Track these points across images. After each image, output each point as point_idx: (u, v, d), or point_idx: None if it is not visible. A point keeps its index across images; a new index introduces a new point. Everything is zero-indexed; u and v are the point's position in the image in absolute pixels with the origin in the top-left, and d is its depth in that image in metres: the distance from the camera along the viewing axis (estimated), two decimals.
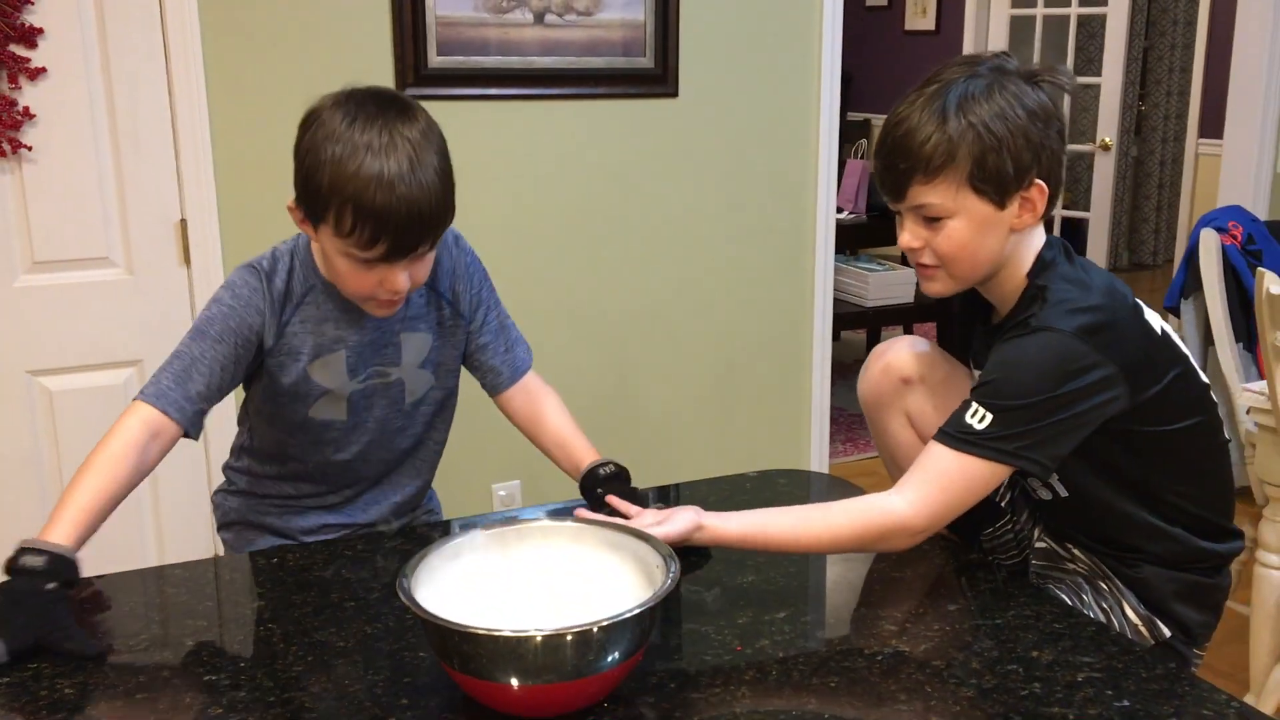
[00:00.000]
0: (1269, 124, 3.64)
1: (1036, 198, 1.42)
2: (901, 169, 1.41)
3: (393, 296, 1.47)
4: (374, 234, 1.38)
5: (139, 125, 2.41)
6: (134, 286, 2.48)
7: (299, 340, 1.55)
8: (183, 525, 2.61)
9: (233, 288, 1.53)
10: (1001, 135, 1.37)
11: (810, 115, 3.07)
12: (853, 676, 1.20)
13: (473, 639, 1.09)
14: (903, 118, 1.42)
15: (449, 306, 1.64)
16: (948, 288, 1.49)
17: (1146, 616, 1.46)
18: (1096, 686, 1.18)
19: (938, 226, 1.42)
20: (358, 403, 1.61)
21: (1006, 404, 1.36)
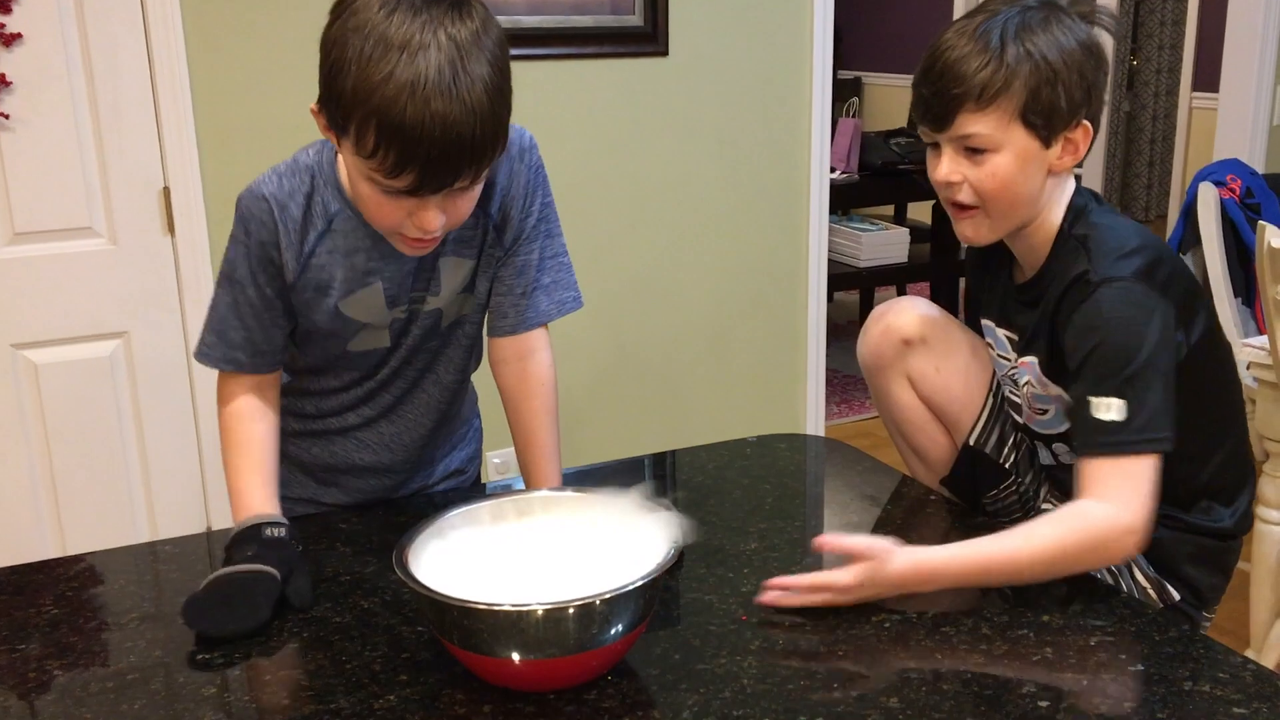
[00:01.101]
0: (1265, 76, 3.60)
1: (1081, 139, 1.39)
2: (953, 94, 1.36)
3: (422, 236, 1.26)
4: (400, 160, 1.15)
5: (119, 90, 2.36)
6: (118, 256, 2.44)
7: (326, 273, 1.36)
8: (174, 498, 2.57)
9: (245, 220, 1.35)
10: (1058, 68, 1.34)
11: (803, 73, 3.03)
12: (861, 644, 1.18)
13: (472, 614, 1.06)
14: (953, 43, 1.38)
15: (494, 232, 1.43)
16: (985, 233, 1.44)
17: (1155, 579, 1.44)
18: (1109, 650, 1.16)
19: (980, 160, 1.38)
20: (400, 329, 1.45)
21: (1123, 377, 1.29)
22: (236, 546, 1.30)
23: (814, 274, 3.15)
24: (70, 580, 1.36)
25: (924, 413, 1.67)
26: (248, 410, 1.42)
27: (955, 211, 1.45)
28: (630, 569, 1.15)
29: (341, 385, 1.52)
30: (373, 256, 1.37)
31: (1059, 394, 1.44)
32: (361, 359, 1.48)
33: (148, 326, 2.49)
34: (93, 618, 1.27)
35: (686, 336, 3.07)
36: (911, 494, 1.58)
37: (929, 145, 1.45)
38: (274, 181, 1.35)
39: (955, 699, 1.07)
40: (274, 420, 1.44)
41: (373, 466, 1.58)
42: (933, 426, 1.67)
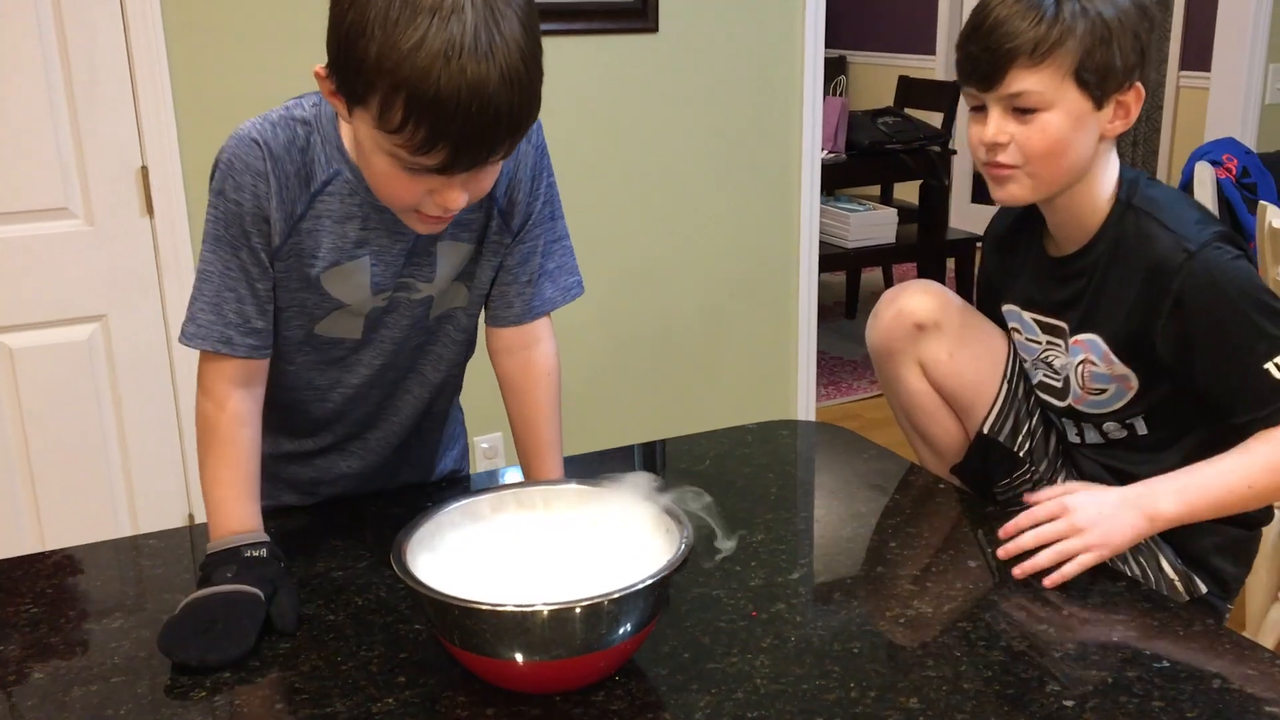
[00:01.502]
0: (1258, 55, 3.57)
1: (1133, 102, 1.36)
2: (1005, 49, 1.32)
3: (442, 214, 1.15)
4: (432, 135, 1.03)
5: (94, 67, 2.29)
6: (95, 238, 2.37)
7: (313, 240, 1.24)
8: (155, 487, 2.51)
9: (231, 170, 1.20)
10: (1114, 26, 1.32)
11: (794, 52, 2.97)
12: (876, 641, 1.14)
13: (475, 614, 1.01)
14: (1001, 1, 1.34)
15: (499, 217, 1.33)
16: (1025, 192, 1.40)
17: (1184, 571, 1.40)
18: (1133, 647, 1.12)
19: (1029, 119, 1.35)
20: (375, 319, 1.33)
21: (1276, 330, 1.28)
22: (215, 566, 1.19)
23: (805, 255, 3.11)
24: (50, 577, 1.31)
25: (935, 399, 1.63)
26: (234, 410, 1.27)
27: (995, 171, 1.40)
28: (638, 565, 1.11)
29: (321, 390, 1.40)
30: (367, 226, 1.24)
31: (1125, 373, 1.42)
32: (328, 348, 1.35)
33: (126, 310, 2.42)
34: (74, 616, 1.22)
35: (676, 318, 3.02)
36: (919, 482, 1.54)
37: (972, 109, 1.41)
38: (266, 129, 1.21)
39: (977, 699, 1.03)
40: (259, 422, 1.31)
41: (360, 472, 1.50)
42: (943, 413, 1.63)
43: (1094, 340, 1.43)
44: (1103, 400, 1.46)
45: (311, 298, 1.28)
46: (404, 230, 1.25)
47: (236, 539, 1.23)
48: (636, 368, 3.00)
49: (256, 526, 1.27)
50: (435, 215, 1.16)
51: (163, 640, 1.12)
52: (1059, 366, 1.48)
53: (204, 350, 1.27)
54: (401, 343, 1.38)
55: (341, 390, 1.40)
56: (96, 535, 2.47)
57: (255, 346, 1.27)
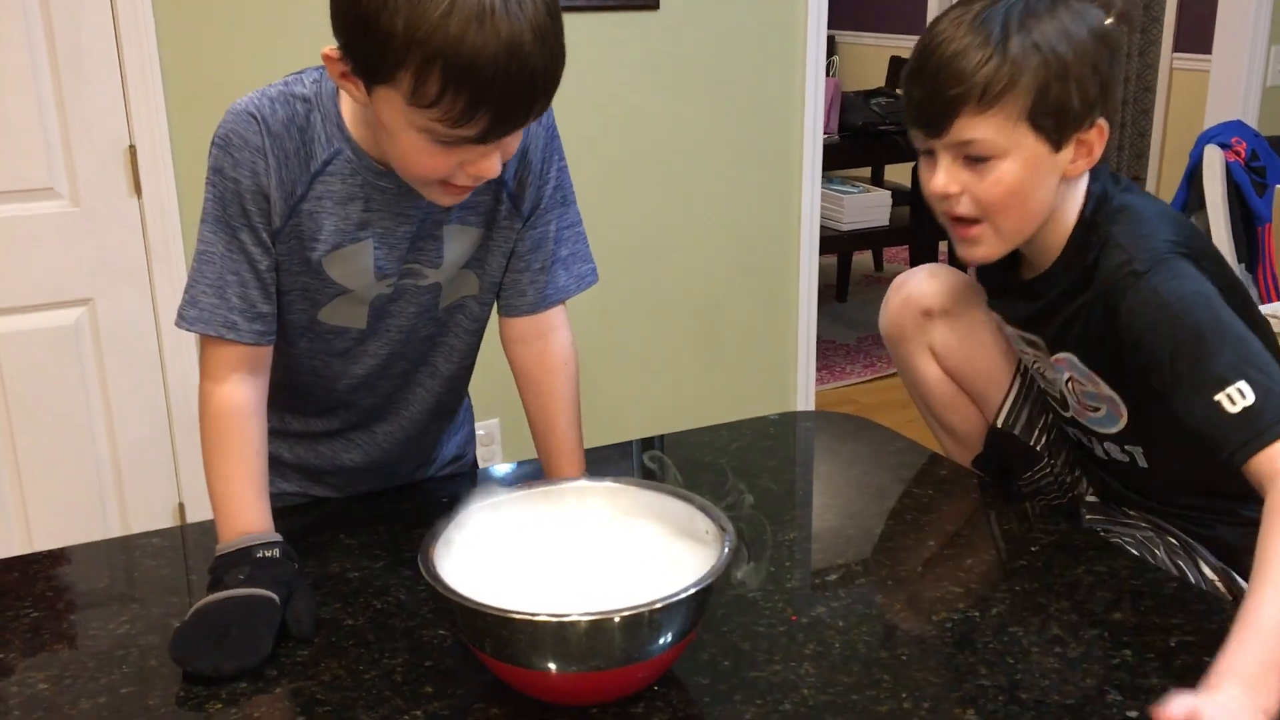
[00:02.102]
0: (1259, 37, 3.53)
1: (1095, 141, 1.24)
2: (950, 96, 1.20)
3: (473, 184, 1.11)
4: (472, 104, 0.99)
5: (80, 43, 2.20)
6: (81, 219, 2.29)
7: (315, 222, 1.18)
8: (144, 475, 2.44)
9: (228, 146, 1.15)
10: (1070, 62, 1.19)
11: (796, 31, 2.91)
12: (925, 648, 1.09)
13: (509, 623, 0.96)
14: (949, 36, 1.21)
15: (509, 201, 1.27)
16: (995, 249, 1.29)
17: (1222, 569, 1.36)
18: (1192, 652, 1.07)
19: (983, 169, 1.23)
20: (380, 308, 1.28)
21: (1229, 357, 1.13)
22: (226, 568, 1.13)
23: (806, 237, 3.05)
24: (49, 578, 1.24)
25: (950, 387, 1.58)
26: (241, 400, 1.20)
27: (956, 228, 1.29)
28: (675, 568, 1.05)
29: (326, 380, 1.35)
30: (369, 208, 1.19)
31: (1112, 395, 1.34)
32: (332, 337, 1.29)
33: (113, 293, 2.35)
34: (77, 621, 1.15)
35: (675, 299, 2.96)
36: (949, 476, 1.49)
37: (922, 152, 1.29)
38: (265, 105, 1.16)
39: (1036, 710, 0.99)
40: (265, 413, 1.24)
41: (363, 465, 1.44)
42: (961, 401, 1.58)
43: (1073, 359, 1.35)
44: (1099, 419, 1.38)
45: (314, 283, 1.23)
46: (408, 211, 1.20)
47: (247, 539, 1.16)
48: (635, 349, 2.94)
49: (268, 526, 1.20)
50: (464, 185, 1.11)
51: (175, 649, 1.06)
52: (1050, 379, 1.42)
53: (207, 335, 1.21)
54: (409, 333, 1.32)
55: (348, 381, 1.35)
56: (83, 525, 2.42)
57: (261, 332, 1.21)
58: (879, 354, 4.41)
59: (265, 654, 1.07)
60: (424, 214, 1.21)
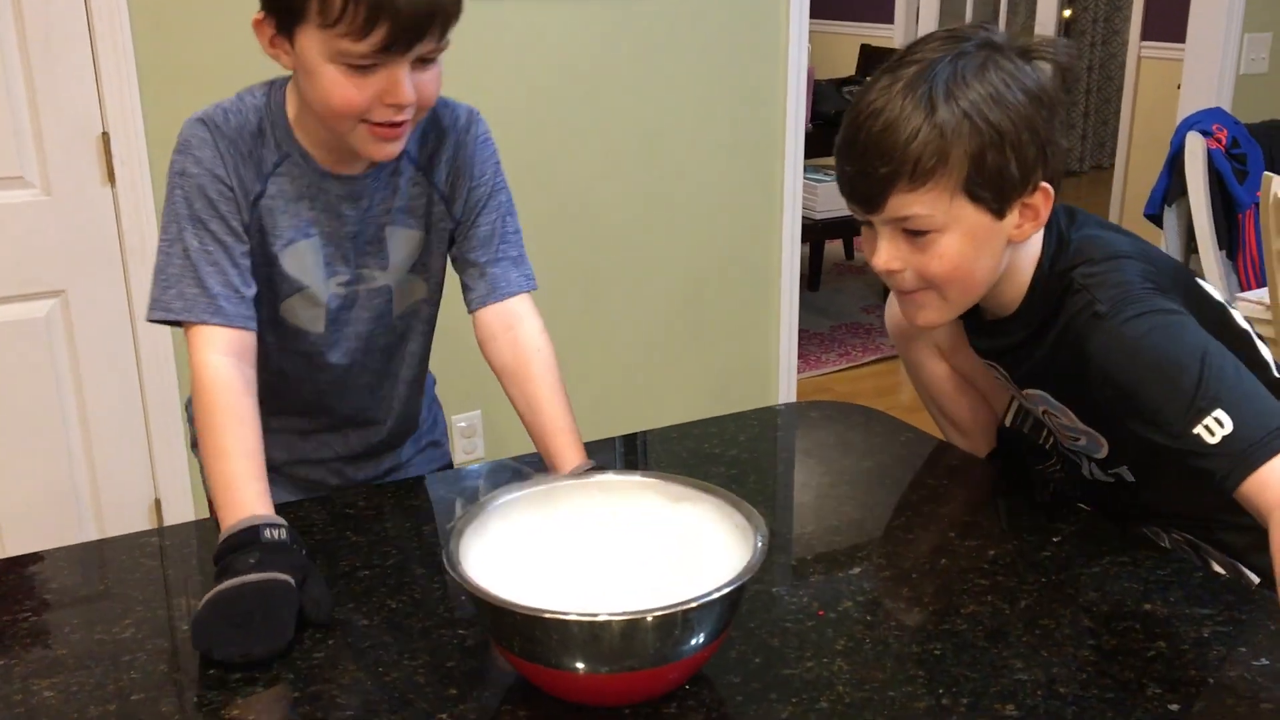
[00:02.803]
0: (1234, 25, 3.54)
1: (1040, 204, 1.19)
2: (881, 174, 1.14)
3: (396, 115, 1.18)
4: (371, 12, 1.10)
5: (51, 27, 2.14)
6: (52, 208, 2.22)
7: (272, 218, 1.26)
8: (119, 469, 2.38)
9: (188, 149, 1.23)
10: (1002, 127, 1.13)
11: (779, 20, 2.89)
12: (957, 642, 1.06)
13: (540, 623, 0.93)
14: (878, 108, 1.14)
15: (442, 202, 1.35)
16: (942, 315, 1.25)
17: (1230, 564, 1.34)
18: (1226, 643, 1.06)
19: (923, 243, 1.18)
20: (336, 313, 1.34)
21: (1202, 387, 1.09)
22: (235, 552, 1.10)
23: (787, 226, 3.03)
24: (49, 579, 1.19)
25: (957, 381, 1.56)
26: (236, 378, 1.21)
27: (903, 297, 1.25)
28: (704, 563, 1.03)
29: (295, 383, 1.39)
30: (315, 207, 1.28)
31: (1090, 432, 1.31)
32: (294, 338, 1.34)
33: (87, 284, 2.29)
34: (80, 625, 1.11)
35: (656, 289, 2.94)
36: (963, 467, 1.47)
37: (861, 223, 1.24)
38: (218, 114, 1.25)
39: (1078, 705, 0.97)
40: (257, 397, 1.23)
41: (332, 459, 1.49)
42: (970, 396, 1.56)
43: (1044, 395, 1.32)
44: (1082, 447, 1.36)
45: (274, 274, 1.29)
46: (348, 212, 1.29)
47: (252, 520, 1.13)
48: (617, 338, 2.91)
49: (269, 509, 1.16)
50: (386, 124, 1.18)
51: (199, 639, 1.03)
52: (1025, 408, 1.39)
53: (193, 324, 1.22)
54: (368, 340, 1.38)
55: (311, 386, 1.40)
56: (57, 522, 2.36)
57: (246, 316, 1.25)
58: (853, 343, 4.41)
59: (289, 637, 1.05)
60: (364, 214, 1.30)
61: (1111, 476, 1.35)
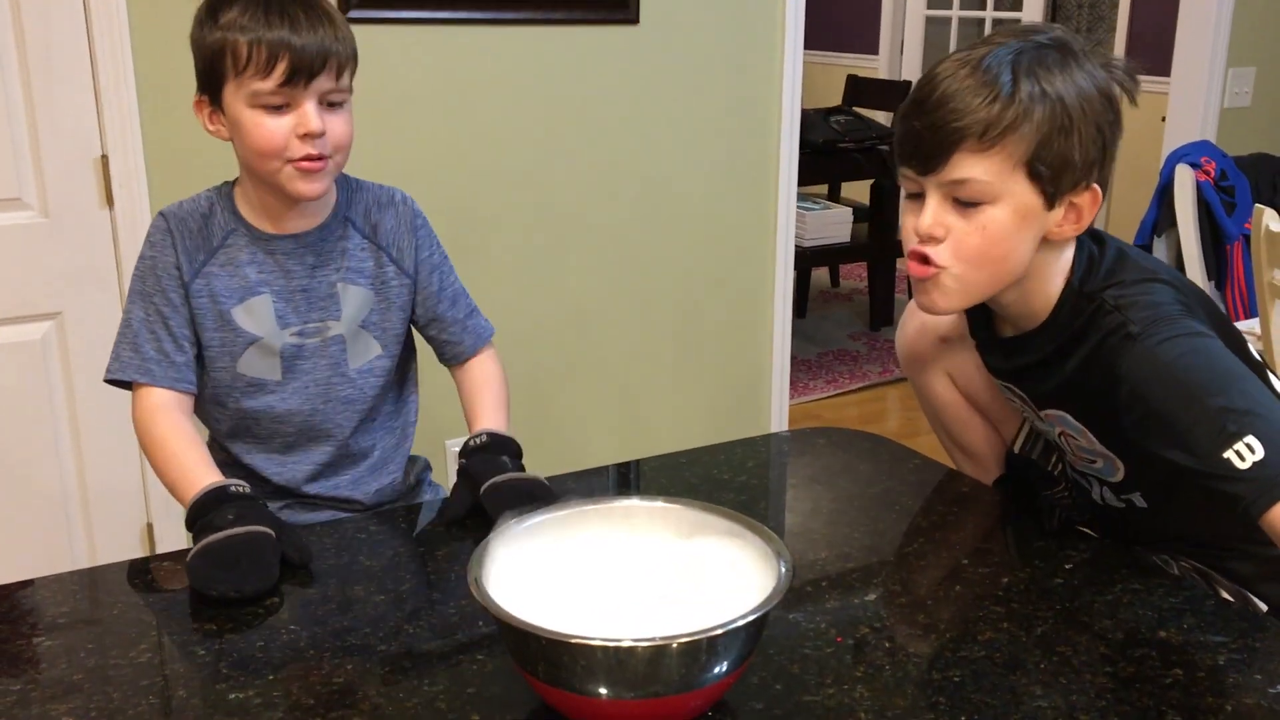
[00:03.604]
0: (1218, 60, 3.59)
1: (1087, 206, 1.20)
2: (951, 129, 1.15)
3: (311, 148, 1.34)
4: (272, 50, 1.30)
5: (51, 49, 2.14)
6: (50, 230, 2.21)
7: (219, 283, 1.43)
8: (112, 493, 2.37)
9: (149, 238, 1.44)
10: (1076, 115, 1.14)
11: (774, 46, 2.91)
12: (975, 668, 1.07)
13: (565, 648, 0.93)
14: (953, 72, 1.16)
15: (392, 264, 1.50)
16: (953, 302, 1.24)
17: (1238, 591, 1.35)
18: (1242, 671, 1.07)
19: (971, 213, 1.18)
20: (291, 361, 1.46)
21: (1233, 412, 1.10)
22: (210, 512, 1.25)
23: (780, 252, 3.05)
24: (60, 604, 1.19)
25: (967, 408, 1.57)
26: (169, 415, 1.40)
27: (920, 273, 1.23)
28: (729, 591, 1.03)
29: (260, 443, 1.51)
30: (263, 270, 1.43)
31: (1106, 452, 1.32)
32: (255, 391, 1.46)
33: (83, 307, 2.27)
34: (94, 650, 1.10)
35: (649, 313, 2.94)
36: (971, 494, 1.48)
37: (908, 196, 1.24)
38: (174, 207, 1.45)
39: None
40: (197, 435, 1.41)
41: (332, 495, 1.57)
42: (978, 422, 1.57)
43: (1064, 416, 1.33)
44: (1097, 469, 1.37)
45: (228, 335, 1.44)
46: (295, 269, 1.44)
47: (216, 483, 1.29)
48: (610, 362, 2.91)
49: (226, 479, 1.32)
50: (305, 157, 1.34)
51: (195, 578, 1.18)
52: (1040, 429, 1.40)
53: (125, 381, 1.43)
54: (326, 387, 1.49)
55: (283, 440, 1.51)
56: (48, 546, 2.33)
57: (175, 379, 1.41)
58: (840, 370, 4.43)
59: (276, 577, 1.20)
60: (312, 271, 1.45)
61: (1123, 502, 1.36)
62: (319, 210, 1.45)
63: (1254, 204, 2.27)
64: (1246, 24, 3.62)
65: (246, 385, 1.46)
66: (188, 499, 1.28)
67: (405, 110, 2.49)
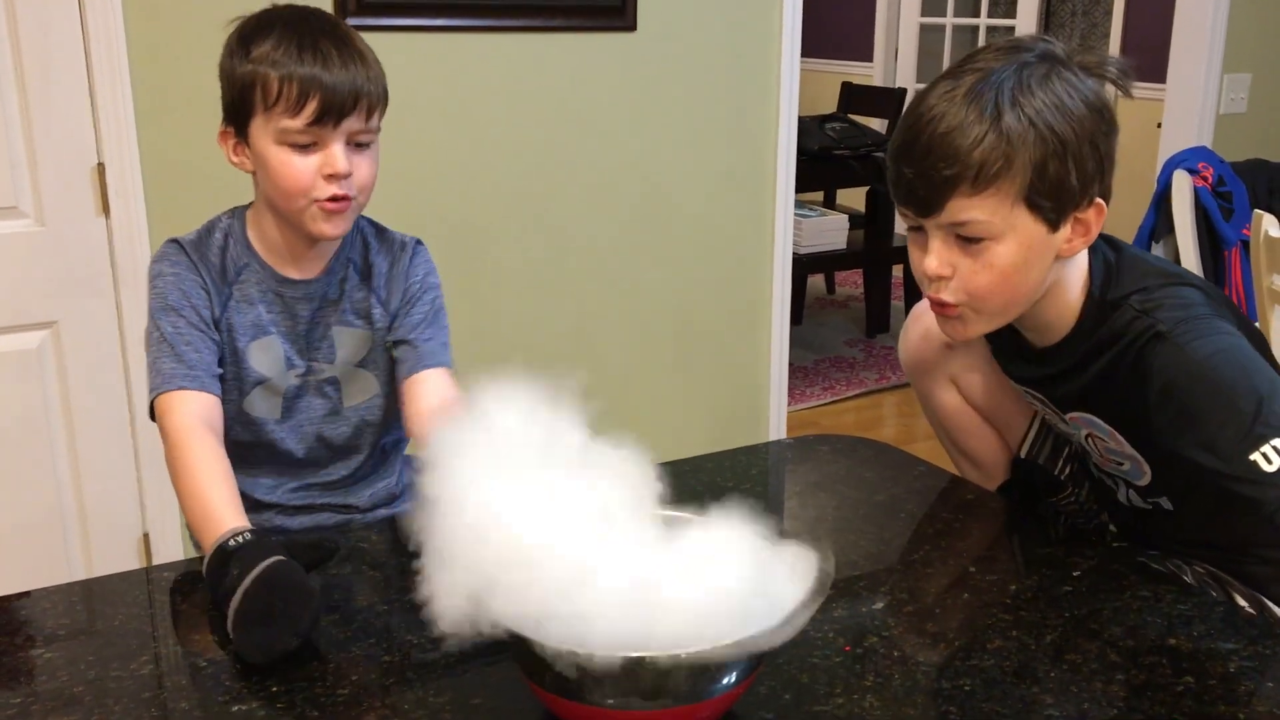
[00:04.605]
0: (1214, 66, 3.60)
1: (1093, 219, 1.20)
2: (943, 176, 1.15)
3: (337, 188, 1.32)
4: (303, 88, 1.29)
5: (48, 56, 2.13)
6: (46, 239, 2.20)
7: (236, 319, 1.41)
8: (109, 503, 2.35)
9: (165, 258, 1.41)
10: (1066, 138, 1.14)
11: (771, 55, 2.91)
12: (985, 677, 1.06)
13: (574, 659, 0.92)
14: (940, 112, 1.15)
15: (380, 306, 1.47)
16: (977, 330, 1.26)
17: (1254, 596, 1.35)
18: (1254, 679, 1.06)
19: (976, 250, 1.18)
20: (292, 401, 1.46)
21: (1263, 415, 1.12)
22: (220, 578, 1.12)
23: (779, 259, 3.04)
24: (59, 615, 1.17)
25: (972, 415, 1.56)
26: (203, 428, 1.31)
27: (940, 308, 1.25)
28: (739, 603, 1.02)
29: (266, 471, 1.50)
30: (272, 309, 1.43)
31: (1134, 454, 1.31)
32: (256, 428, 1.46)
33: (79, 315, 2.26)
34: (96, 662, 1.08)
35: (647, 320, 2.93)
36: (976, 500, 1.47)
37: (911, 229, 1.24)
38: (189, 236, 1.43)
39: None
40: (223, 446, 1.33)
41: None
42: (983, 429, 1.56)
43: (1091, 419, 1.33)
44: (1125, 471, 1.37)
45: (240, 371, 1.42)
46: (301, 312, 1.43)
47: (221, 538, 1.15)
48: (606, 370, 2.91)
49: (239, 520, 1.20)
50: (330, 198, 1.32)
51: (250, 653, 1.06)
52: (1064, 431, 1.40)
53: (170, 391, 1.33)
54: (320, 425, 1.48)
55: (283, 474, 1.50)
56: (45, 556, 2.32)
57: (217, 388, 1.37)
58: (836, 377, 4.42)
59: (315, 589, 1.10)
60: (314, 313, 1.44)
61: (1150, 505, 1.36)
62: (326, 252, 1.43)
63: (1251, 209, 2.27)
64: (1242, 30, 3.62)
65: (247, 422, 1.46)
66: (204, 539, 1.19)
67: (403, 119, 2.48)
